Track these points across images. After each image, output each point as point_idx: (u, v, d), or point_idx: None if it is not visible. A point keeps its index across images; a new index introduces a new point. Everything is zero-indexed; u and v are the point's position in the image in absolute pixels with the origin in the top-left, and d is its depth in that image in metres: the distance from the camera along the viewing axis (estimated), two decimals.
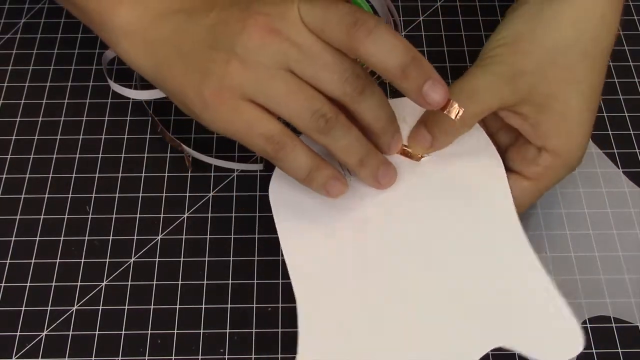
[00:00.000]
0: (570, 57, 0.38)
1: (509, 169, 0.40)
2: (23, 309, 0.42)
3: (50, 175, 0.47)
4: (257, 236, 0.45)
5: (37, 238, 0.45)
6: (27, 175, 0.47)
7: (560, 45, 0.38)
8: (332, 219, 0.39)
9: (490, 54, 0.39)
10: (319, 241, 0.39)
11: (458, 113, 0.36)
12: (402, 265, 0.38)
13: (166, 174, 0.47)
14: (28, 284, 0.43)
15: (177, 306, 0.43)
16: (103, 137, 0.49)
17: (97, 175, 0.47)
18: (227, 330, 0.42)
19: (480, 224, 0.39)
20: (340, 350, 0.36)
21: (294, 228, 0.39)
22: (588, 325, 0.42)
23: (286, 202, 0.40)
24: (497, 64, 0.39)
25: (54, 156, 0.48)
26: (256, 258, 0.44)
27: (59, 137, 0.49)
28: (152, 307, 0.43)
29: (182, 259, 0.44)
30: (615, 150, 0.49)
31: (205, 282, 0.43)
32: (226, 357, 0.41)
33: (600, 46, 0.39)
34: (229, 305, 0.43)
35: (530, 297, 0.37)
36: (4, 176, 0.47)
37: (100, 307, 0.43)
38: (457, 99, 0.37)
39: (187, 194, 0.47)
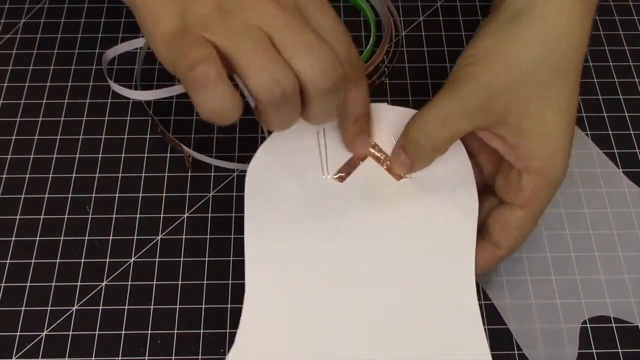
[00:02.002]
0: (541, 75, 0.37)
1: (501, 201, 0.40)
2: (23, 309, 0.42)
3: (50, 175, 0.47)
4: None
5: (37, 238, 0.45)
6: (27, 175, 0.47)
7: (530, 63, 0.37)
8: (301, 218, 0.40)
9: (460, 72, 0.38)
10: (282, 234, 0.39)
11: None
12: (353, 280, 0.39)
13: (166, 174, 0.47)
14: (28, 284, 0.43)
15: (177, 306, 0.43)
16: (103, 137, 0.49)
17: (97, 175, 0.47)
18: (227, 330, 0.42)
19: (437, 261, 0.39)
20: (276, 349, 0.37)
21: (261, 217, 0.40)
22: (588, 325, 0.42)
23: (261, 187, 0.40)
24: (467, 83, 0.38)
25: (54, 156, 0.48)
26: None
27: (59, 137, 0.49)
28: (152, 307, 0.43)
29: (182, 259, 0.44)
30: (615, 150, 0.49)
31: (205, 282, 0.43)
32: (226, 357, 0.41)
33: (570, 61, 0.38)
34: (229, 305, 0.43)
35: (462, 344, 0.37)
36: (4, 176, 0.47)
37: (100, 307, 0.43)
38: (429, 123, 0.38)
39: (187, 194, 0.47)
